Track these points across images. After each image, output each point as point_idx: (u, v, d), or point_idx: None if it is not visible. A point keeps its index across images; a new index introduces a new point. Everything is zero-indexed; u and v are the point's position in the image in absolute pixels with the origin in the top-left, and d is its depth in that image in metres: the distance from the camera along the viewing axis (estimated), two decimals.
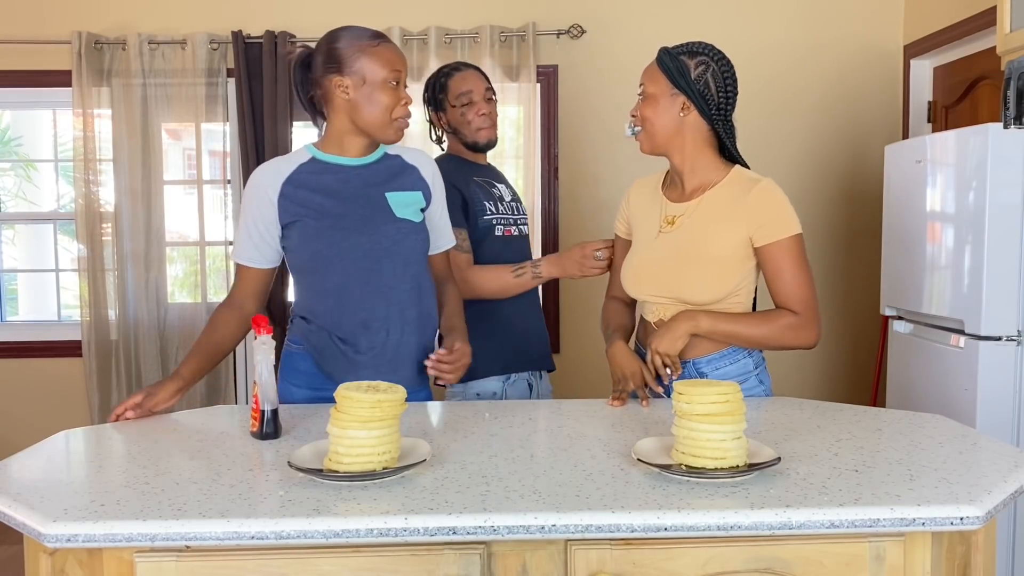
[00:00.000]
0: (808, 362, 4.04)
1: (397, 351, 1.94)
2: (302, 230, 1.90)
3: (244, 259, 1.98)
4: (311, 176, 1.93)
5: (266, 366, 1.66)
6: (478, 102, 2.36)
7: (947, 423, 1.70)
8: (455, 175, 2.31)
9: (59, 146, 4.25)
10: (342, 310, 1.92)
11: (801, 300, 1.84)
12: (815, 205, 4.02)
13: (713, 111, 1.88)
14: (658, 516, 1.22)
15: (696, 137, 1.90)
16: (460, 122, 2.38)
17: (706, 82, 1.86)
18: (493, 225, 2.36)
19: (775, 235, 1.85)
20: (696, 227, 1.90)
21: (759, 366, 1.95)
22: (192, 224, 4.07)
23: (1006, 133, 2.48)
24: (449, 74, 2.40)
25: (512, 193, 2.50)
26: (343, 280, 1.91)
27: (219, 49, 3.92)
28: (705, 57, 1.87)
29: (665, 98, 1.89)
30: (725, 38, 2.33)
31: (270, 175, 1.93)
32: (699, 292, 1.88)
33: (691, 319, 1.86)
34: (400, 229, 1.94)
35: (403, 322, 1.94)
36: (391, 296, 1.93)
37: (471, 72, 2.41)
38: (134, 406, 1.82)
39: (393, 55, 1.90)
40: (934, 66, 3.84)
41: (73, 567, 1.27)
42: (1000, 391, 2.51)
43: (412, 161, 2.04)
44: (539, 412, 1.85)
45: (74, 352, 4.06)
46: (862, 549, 1.26)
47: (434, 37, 3.84)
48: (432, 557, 1.24)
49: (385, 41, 1.92)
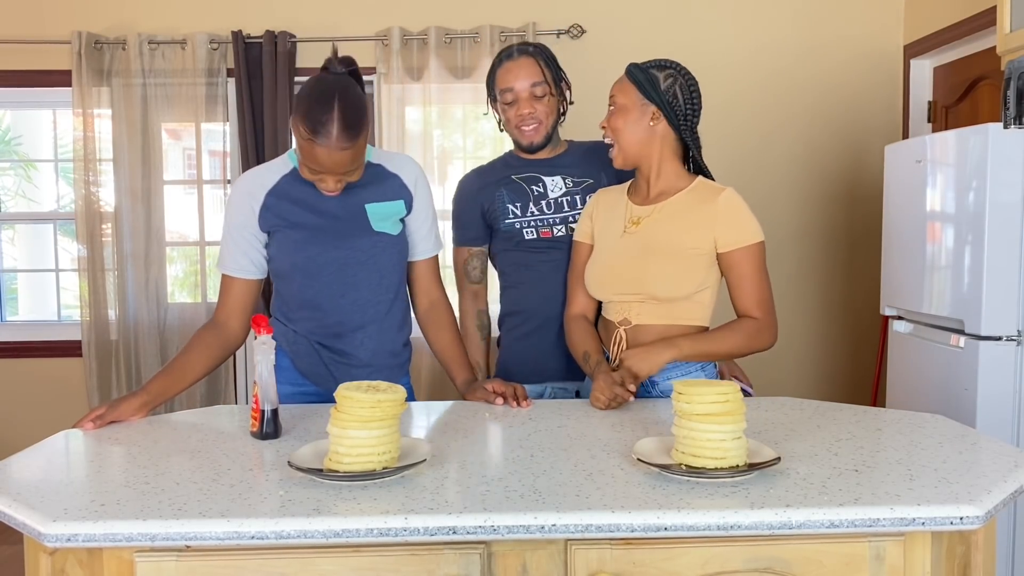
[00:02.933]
0: (808, 362, 4.05)
1: (372, 358, 1.99)
2: (280, 241, 1.92)
3: (232, 269, 1.95)
4: (291, 187, 1.93)
5: (266, 366, 1.66)
6: (520, 101, 2.18)
7: (947, 423, 1.70)
8: (483, 185, 2.26)
9: (59, 146, 4.25)
10: (318, 319, 1.96)
11: (760, 304, 1.92)
12: (815, 205, 4.02)
13: (680, 121, 1.96)
14: (658, 516, 1.22)
15: (664, 146, 1.98)
16: (507, 121, 2.24)
17: (674, 93, 1.95)
18: (519, 229, 2.23)
19: (740, 241, 1.91)
20: (661, 226, 1.96)
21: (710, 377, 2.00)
22: (192, 224, 4.07)
23: (1006, 133, 2.48)
24: (500, 63, 2.21)
25: (576, 184, 2.25)
26: (318, 292, 1.94)
27: (219, 49, 3.92)
28: (672, 71, 1.97)
29: (636, 108, 1.96)
30: (725, 38, 2.34)
31: (254, 184, 1.93)
32: (666, 287, 1.92)
33: (673, 346, 1.90)
34: (376, 243, 1.95)
35: (377, 331, 1.98)
36: (366, 308, 1.96)
37: (520, 62, 2.18)
38: (95, 417, 1.74)
39: (315, 155, 1.75)
40: (934, 66, 3.84)
41: (73, 567, 1.27)
42: (1000, 391, 2.51)
43: (394, 169, 2.01)
44: (539, 412, 1.85)
45: (74, 352, 4.06)
46: (862, 549, 1.26)
47: (434, 37, 3.84)
48: (432, 557, 1.24)
49: (320, 142, 1.74)
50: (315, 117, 1.73)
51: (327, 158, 1.76)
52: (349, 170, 1.81)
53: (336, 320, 1.96)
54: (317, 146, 1.74)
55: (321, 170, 1.79)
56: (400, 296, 2.03)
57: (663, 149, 1.97)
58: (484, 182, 2.29)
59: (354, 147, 1.77)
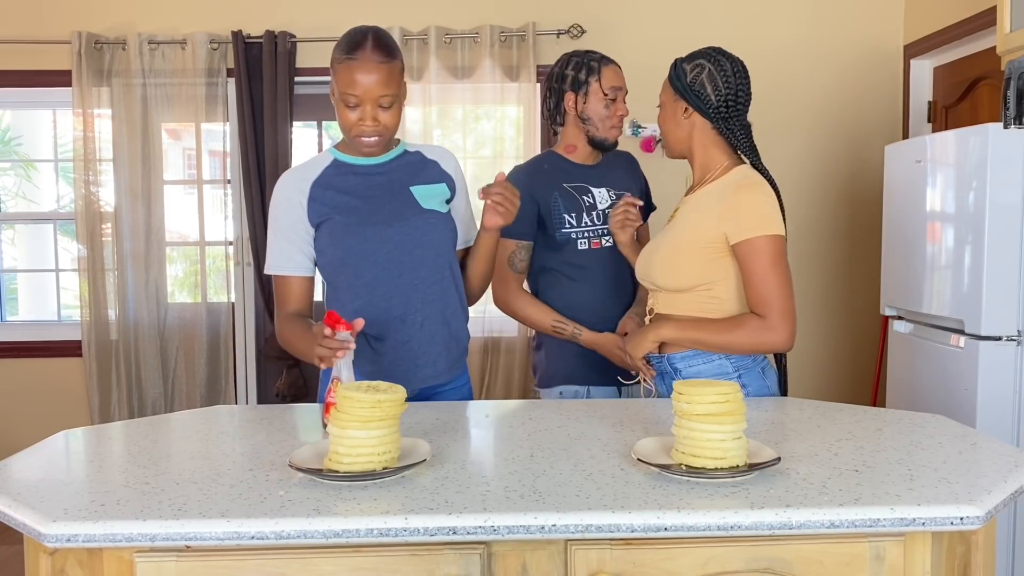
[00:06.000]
0: (808, 362, 4.05)
1: (431, 342, 1.95)
2: (332, 229, 1.90)
3: (288, 268, 1.93)
4: (336, 178, 1.93)
5: (345, 361, 1.62)
6: (620, 102, 2.31)
7: (947, 423, 1.70)
8: (537, 184, 2.28)
9: (59, 146, 4.25)
10: (375, 306, 1.91)
11: (765, 302, 1.83)
12: (815, 205, 4.02)
13: (711, 111, 1.94)
14: (658, 516, 1.21)
15: (703, 137, 1.98)
16: (600, 114, 2.29)
17: (701, 83, 1.94)
18: (573, 239, 2.29)
19: (745, 233, 1.84)
20: (685, 217, 1.97)
21: (742, 369, 1.92)
22: (192, 224, 4.07)
23: (1006, 133, 2.48)
24: (603, 61, 2.31)
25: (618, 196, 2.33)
26: (376, 275, 1.91)
27: (219, 49, 3.92)
28: (702, 60, 1.95)
29: (670, 104, 2.01)
30: (725, 38, 2.34)
31: (296, 181, 1.93)
32: (671, 279, 1.94)
33: (656, 328, 1.96)
34: (428, 220, 1.94)
35: (438, 311, 1.96)
36: (424, 288, 1.94)
37: (619, 70, 2.33)
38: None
39: (353, 76, 1.80)
40: (934, 66, 3.84)
41: (73, 567, 1.27)
42: (1000, 391, 2.51)
43: (432, 156, 2.04)
44: (539, 412, 1.85)
45: (74, 352, 4.06)
46: (862, 549, 1.26)
47: (434, 37, 3.84)
48: (432, 557, 1.24)
49: (355, 58, 1.80)
50: (351, 38, 1.83)
51: (364, 75, 1.80)
52: (385, 94, 1.83)
53: (395, 303, 1.92)
54: (353, 62, 1.80)
55: (358, 94, 1.81)
56: (456, 277, 2.00)
57: (702, 140, 1.97)
58: (537, 181, 2.30)
59: (389, 66, 1.82)
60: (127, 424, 1.77)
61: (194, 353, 4.02)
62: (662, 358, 1.98)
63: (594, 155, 2.36)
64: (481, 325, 3.92)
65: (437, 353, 1.97)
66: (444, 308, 1.97)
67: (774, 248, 1.83)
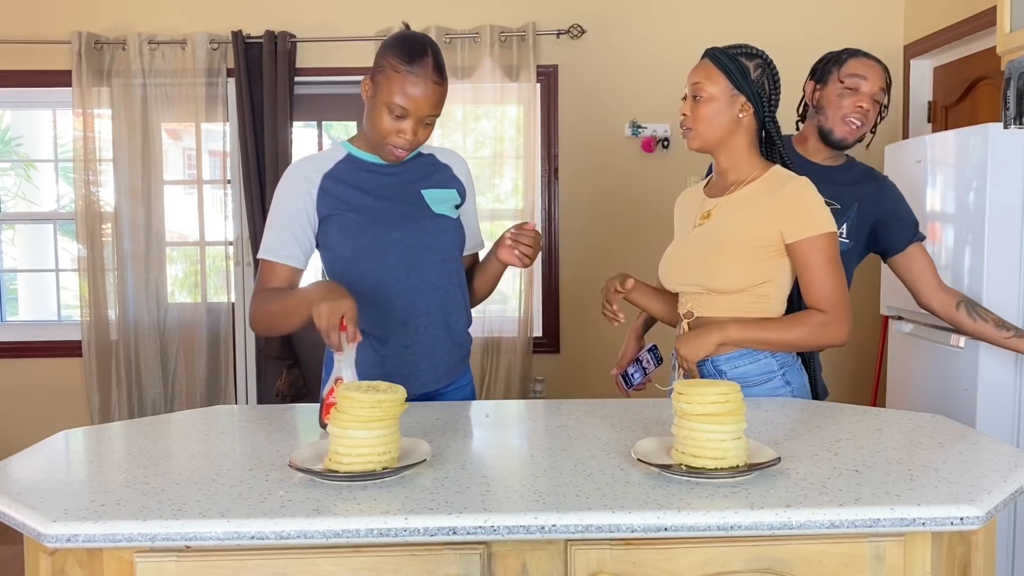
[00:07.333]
0: None
1: (434, 346, 1.95)
2: (343, 226, 1.89)
3: (280, 256, 1.88)
4: (348, 173, 1.92)
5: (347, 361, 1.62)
6: (865, 94, 2.18)
7: (947, 423, 1.70)
8: None
9: (59, 146, 4.25)
10: (380, 308, 1.91)
11: (829, 298, 1.86)
12: None
13: (766, 112, 1.92)
14: (658, 516, 1.21)
15: (747, 137, 1.93)
16: (832, 103, 2.19)
17: (762, 84, 1.91)
18: None
19: (805, 232, 1.84)
20: (727, 217, 1.92)
21: (785, 367, 1.93)
22: (192, 224, 4.08)
23: (1006, 133, 2.48)
24: (855, 54, 2.23)
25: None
26: (384, 275, 1.90)
27: (219, 49, 3.92)
28: (761, 60, 1.92)
29: (725, 98, 1.90)
30: (725, 38, 2.33)
31: (309, 168, 1.91)
32: (723, 280, 1.88)
33: (721, 330, 1.88)
34: (438, 225, 1.94)
35: (442, 316, 1.95)
36: (430, 292, 1.93)
37: (877, 66, 2.21)
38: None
39: (408, 89, 1.78)
40: (934, 66, 3.84)
41: (73, 567, 1.27)
42: (1000, 391, 2.51)
43: (445, 160, 2.03)
44: (539, 412, 1.85)
45: (74, 352, 4.06)
46: (862, 549, 1.26)
47: (434, 37, 3.84)
48: (432, 557, 1.24)
49: (415, 72, 1.78)
50: (411, 49, 1.79)
51: (420, 91, 1.78)
52: (433, 114, 1.83)
53: (400, 305, 1.91)
54: (412, 76, 1.78)
55: (408, 107, 1.79)
56: (462, 284, 2.00)
57: (746, 140, 1.93)
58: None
59: (443, 88, 1.82)
60: (127, 424, 1.77)
61: (194, 353, 4.02)
62: (705, 361, 1.93)
63: (830, 158, 2.25)
64: (481, 325, 3.92)
65: (439, 358, 1.96)
66: (448, 313, 1.96)
67: (831, 245, 1.85)
